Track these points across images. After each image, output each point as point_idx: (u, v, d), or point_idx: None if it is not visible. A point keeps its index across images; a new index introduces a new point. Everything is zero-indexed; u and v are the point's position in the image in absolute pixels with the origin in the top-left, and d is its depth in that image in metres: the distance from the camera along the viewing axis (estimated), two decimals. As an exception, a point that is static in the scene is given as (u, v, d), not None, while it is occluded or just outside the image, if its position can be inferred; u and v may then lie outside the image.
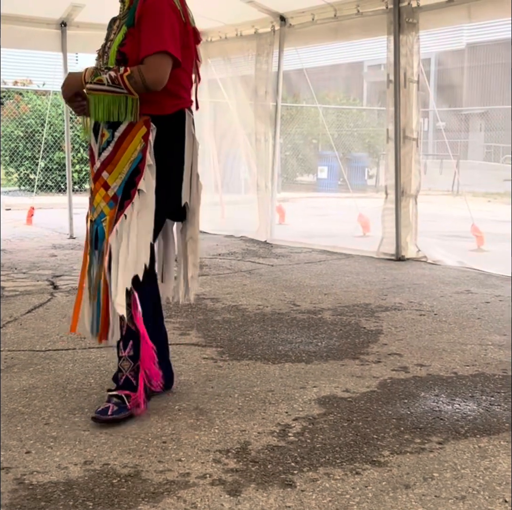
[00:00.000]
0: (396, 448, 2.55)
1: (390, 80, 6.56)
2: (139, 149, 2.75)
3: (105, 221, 2.79)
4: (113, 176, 2.78)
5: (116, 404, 2.80)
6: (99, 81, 2.70)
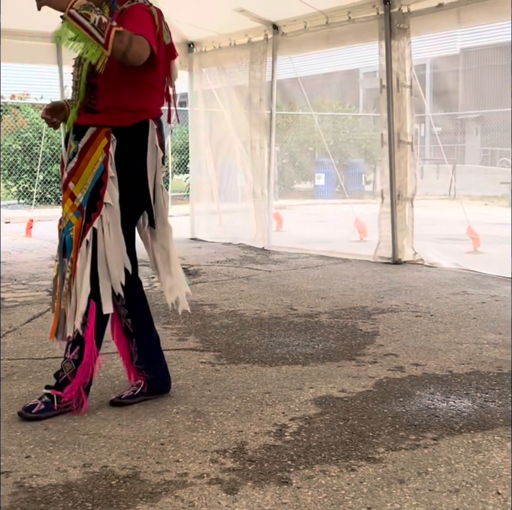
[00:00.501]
0: (391, 445, 2.58)
1: (383, 85, 6.62)
2: (101, 160, 2.80)
3: (72, 230, 2.85)
4: (78, 187, 2.83)
5: (44, 403, 2.89)
6: (86, 15, 2.57)
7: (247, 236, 8.09)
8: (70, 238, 2.85)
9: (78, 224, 2.84)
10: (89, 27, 2.56)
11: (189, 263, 6.88)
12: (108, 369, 3.54)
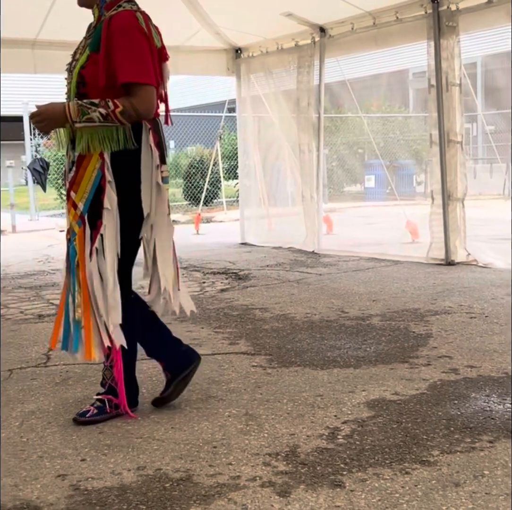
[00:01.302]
0: (446, 448, 2.54)
1: (432, 85, 6.54)
2: (98, 166, 2.80)
3: (76, 239, 2.84)
4: (79, 196, 2.84)
5: (96, 408, 2.96)
6: (89, 119, 2.73)
7: (297, 240, 8.08)
8: (74, 247, 2.84)
9: (80, 233, 2.82)
10: (100, 125, 2.74)
11: (239, 268, 6.90)
12: (161, 373, 3.56)
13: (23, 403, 3.19)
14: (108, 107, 2.72)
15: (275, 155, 8.73)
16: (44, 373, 3.66)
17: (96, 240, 2.82)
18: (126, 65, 2.73)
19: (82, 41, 2.92)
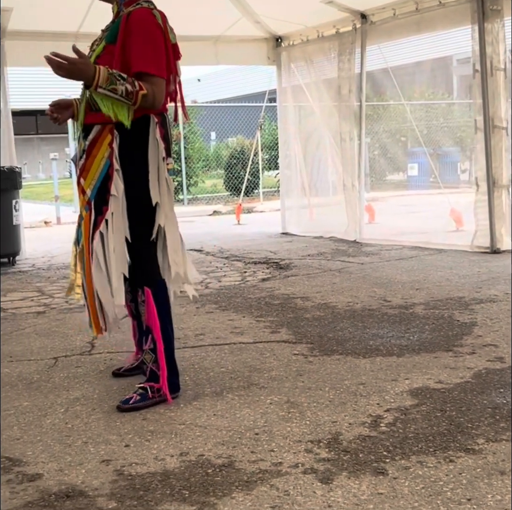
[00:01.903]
0: (491, 436, 2.50)
1: (476, 70, 6.42)
2: (107, 155, 2.92)
3: (82, 224, 3.00)
4: (87, 182, 2.97)
5: (139, 395, 3.00)
6: (114, 89, 2.78)
7: (338, 229, 8.03)
8: (81, 232, 3.02)
9: (86, 218, 2.98)
10: (118, 98, 2.79)
11: (281, 257, 6.89)
12: (203, 361, 3.59)
13: (68, 390, 3.24)
14: (134, 86, 2.80)
15: (316, 145, 8.68)
16: (89, 361, 3.71)
17: (100, 225, 2.93)
18: (141, 56, 2.84)
19: (100, 34, 3.05)
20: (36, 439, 2.68)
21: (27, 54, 7.54)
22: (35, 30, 7.41)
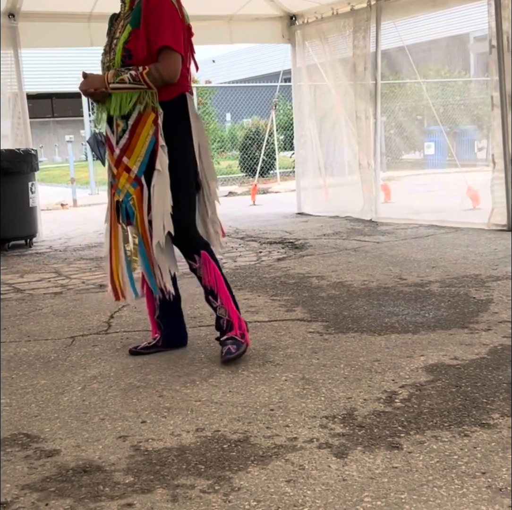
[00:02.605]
0: (506, 411, 2.50)
1: (492, 46, 6.35)
2: (152, 133, 3.11)
3: (132, 200, 3.17)
4: (133, 160, 3.14)
5: (233, 344, 3.22)
6: (121, 80, 3.06)
7: (354, 209, 8.00)
8: (131, 206, 3.17)
9: (138, 193, 3.15)
10: (130, 86, 3.07)
11: (296, 237, 6.88)
12: (219, 339, 3.60)
13: (85, 368, 3.27)
14: (137, 70, 3.05)
15: (331, 124, 8.63)
16: (105, 339, 3.74)
17: None
18: (161, 33, 3.04)
19: (121, 21, 3.19)
20: (53, 416, 2.71)
21: (41, 36, 7.56)
22: (49, 11, 7.40)
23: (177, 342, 3.50)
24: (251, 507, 1.98)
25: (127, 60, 3.09)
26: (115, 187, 3.24)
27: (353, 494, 2.02)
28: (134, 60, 3.07)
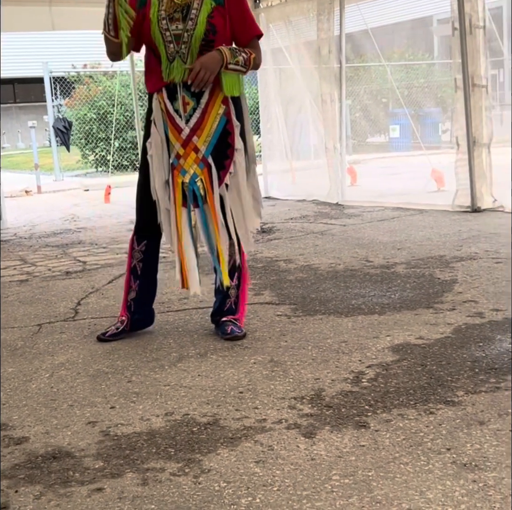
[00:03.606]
0: (470, 389, 2.55)
1: (455, 28, 6.38)
2: (221, 112, 3.10)
3: (199, 181, 3.13)
4: (202, 140, 3.10)
5: (234, 325, 3.33)
6: (237, 62, 3.05)
7: (321, 192, 8.03)
8: (198, 187, 3.14)
9: (206, 174, 3.13)
10: (240, 68, 3.08)
11: (263, 221, 6.87)
12: (187, 324, 3.62)
13: (53, 356, 3.25)
14: (246, 53, 3.08)
15: (297, 108, 8.63)
16: (73, 326, 3.72)
17: (225, 178, 3.16)
18: (252, 21, 3.17)
19: None
20: (21, 404, 2.70)
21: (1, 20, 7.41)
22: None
23: (145, 326, 3.52)
24: (221, 488, 2.00)
25: (210, 35, 3.04)
26: (179, 168, 3.15)
27: (322, 472, 2.05)
28: (218, 37, 3.04)
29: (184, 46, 3.04)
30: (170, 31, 3.04)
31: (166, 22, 3.04)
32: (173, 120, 3.11)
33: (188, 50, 3.04)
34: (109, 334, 3.44)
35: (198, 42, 3.04)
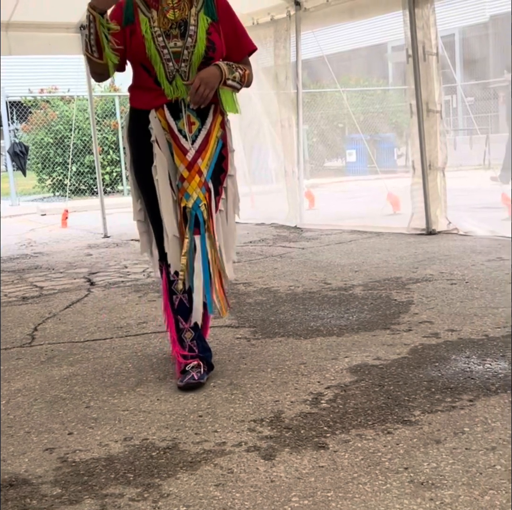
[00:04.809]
0: (427, 408, 2.59)
1: (409, 55, 6.53)
2: (219, 135, 2.98)
3: (202, 206, 2.96)
4: (205, 163, 2.96)
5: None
6: (234, 78, 2.93)
7: (279, 216, 8.09)
8: (202, 213, 2.96)
9: (208, 199, 2.97)
10: (236, 85, 2.96)
11: (223, 245, 6.90)
12: (146, 348, 3.60)
13: (9, 382, 3.21)
14: (242, 69, 2.98)
15: (255, 132, 8.71)
16: (29, 352, 3.67)
17: (219, 204, 3.04)
18: (246, 36, 3.06)
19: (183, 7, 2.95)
20: (-23, 431, 2.65)
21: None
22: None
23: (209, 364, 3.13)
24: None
25: (210, 52, 2.92)
26: (183, 192, 2.96)
27: (281, 494, 2.05)
28: (217, 54, 2.94)
29: (185, 64, 2.91)
30: (168, 49, 2.90)
31: (163, 39, 2.90)
32: (177, 140, 2.93)
33: (189, 68, 2.91)
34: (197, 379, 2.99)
35: (199, 60, 2.92)
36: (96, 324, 4.16)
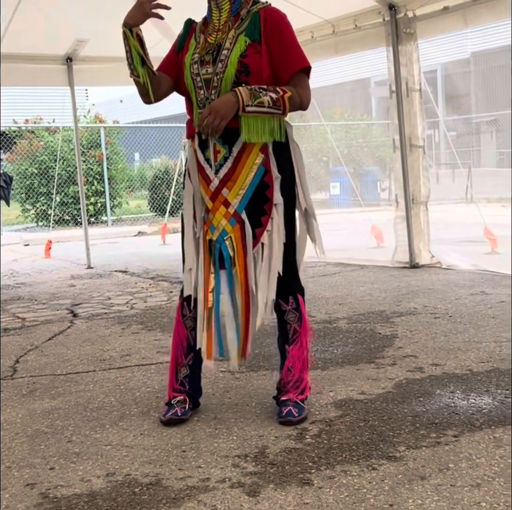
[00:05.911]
0: (411, 443, 2.58)
1: (392, 91, 6.63)
2: (259, 162, 2.75)
3: (228, 239, 2.79)
4: (233, 193, 2.77)
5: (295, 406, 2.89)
6: (260, 103, 2.67)
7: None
8: (226, 247, 2.80)
9: (237, 232, 2.78)
10: (268, 110, 2.69)
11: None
12: (129, 381, 3.57)
13: (-10, 416, 3.16)
14: (277, 92, 2.69)
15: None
16: (11, 385, 3.63)
17: (261, 237, 2.80)
18: (298, 53, 2.76)
19: (230, 31, 2.79)
20: (-44, 467, 2.61)
21: None
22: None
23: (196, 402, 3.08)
24: (164, 550, 1.96)
25: (243, 76, 2.71)
26: (208, 224, 2.83)
27: (266, 532, 2.03)
28: (251, 78, 2.71)
29: (214, 92, 2.74)
30: (200, 76, 2.77)
31: (198, 67, 2.77)
32: (203, 170, 2.81)
33: (218, 95, 2.73)
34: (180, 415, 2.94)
35: (229, 86, 2.72)
36: (78, 356, 4.12)
